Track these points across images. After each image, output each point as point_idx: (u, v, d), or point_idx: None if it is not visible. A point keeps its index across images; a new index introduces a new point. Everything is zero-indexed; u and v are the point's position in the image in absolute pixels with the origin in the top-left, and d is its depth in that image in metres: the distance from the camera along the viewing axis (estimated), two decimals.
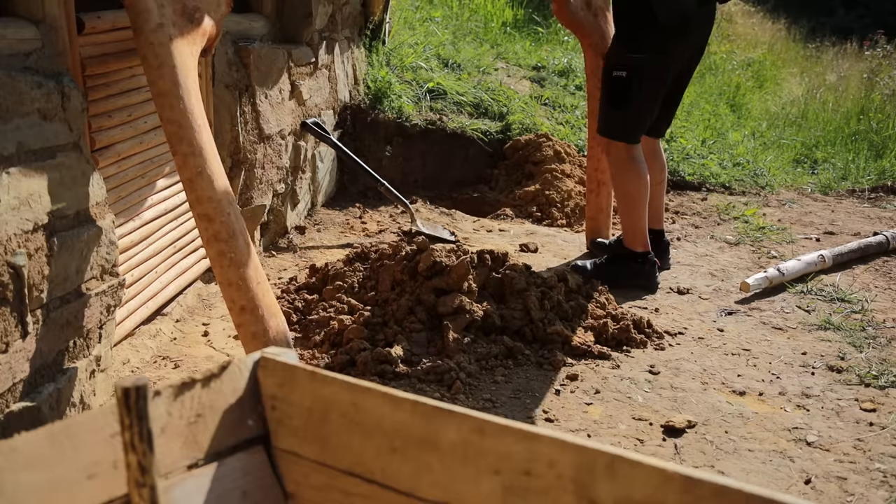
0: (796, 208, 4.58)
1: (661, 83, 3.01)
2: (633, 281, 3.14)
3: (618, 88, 2.99)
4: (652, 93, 3.01)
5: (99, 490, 0.82)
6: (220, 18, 2.20)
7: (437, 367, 2.27)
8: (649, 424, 2.14)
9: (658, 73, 2.97)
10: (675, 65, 3.01)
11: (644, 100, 3.00)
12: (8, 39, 1.60)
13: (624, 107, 3.01)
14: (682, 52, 2.99)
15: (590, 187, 3.57)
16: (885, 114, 6.71)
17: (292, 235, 3.52)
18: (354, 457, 0.92)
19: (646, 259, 3.15)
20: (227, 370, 0.95)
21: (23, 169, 1.57)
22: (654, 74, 2.97)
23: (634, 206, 3.11)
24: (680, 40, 2.94)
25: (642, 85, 2.96)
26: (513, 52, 5.92)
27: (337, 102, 4.07)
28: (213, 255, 1.91)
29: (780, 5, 12.29)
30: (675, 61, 3.00)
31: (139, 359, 2.29)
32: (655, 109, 3.09)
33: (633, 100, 2.98)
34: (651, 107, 3.06)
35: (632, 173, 3.09)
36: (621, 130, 3.06)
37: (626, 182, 3.10)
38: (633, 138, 3.08)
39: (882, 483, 1.91)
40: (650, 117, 3.11)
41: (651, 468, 0.73)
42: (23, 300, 1.60)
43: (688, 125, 5.54)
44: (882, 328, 2.87)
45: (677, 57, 2.99)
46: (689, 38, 2.98)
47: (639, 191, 3.09)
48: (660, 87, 3.02)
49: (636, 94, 2.97)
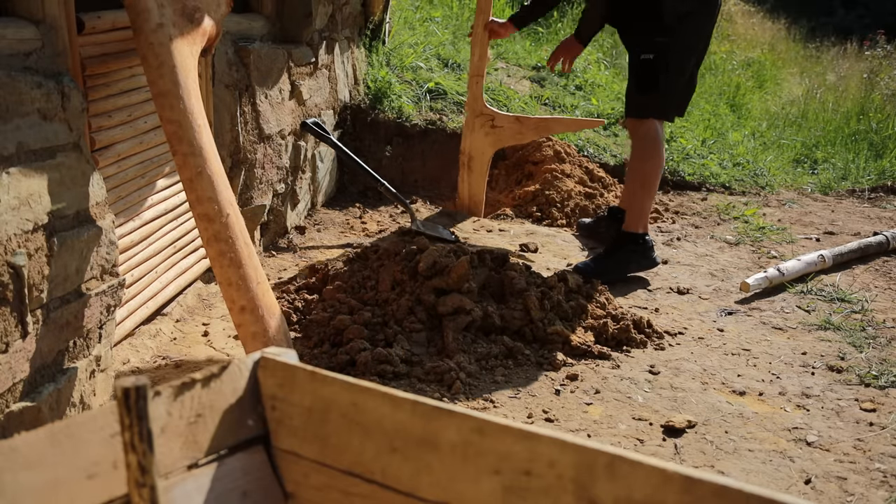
0: (796, 208, 4.58)
1: (684, 64, 3.17)
2: (639, 266, 3.23)
3: (646, 71, 3.14)
4: (678, 72, 3.16)
5: (99, 490, 0.82)
6: (220, 18, 2.20)
7: (437, 367, 2.27)
8: (649, 424, 2.14)
9: (682, 53, 3.14)
10: (698, 43, 3.19)
11: (672, 80, 3.15)
12: (8, 39, 1.60)
13: (653, 89, 3.15)
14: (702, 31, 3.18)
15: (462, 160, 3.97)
16: (885, 114, 6.71)
17: (292, 235, 3.52)
18: (354, 457, 0.92)
19: (645, 238, 3.24)
20: (227, 370, 0.95)
21: (23, 169, 1.57)
22: (677, 56, 3.12)
23: (650, 188, 3.23)
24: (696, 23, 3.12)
25: (669, 66, 3.11)
26: (513, 52, 5.92)
27: (337, 102, 4.07)
28: (213, 255, 1.90)
29: (780, 5, 12.29)
30: (698, 40, 3.18)
31: (139, 359, 2.29)
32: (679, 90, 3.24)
33: (661, 80, 3.13)
34: (677, 86, 3.21)
35: (656, 155, 3.21)
36: (654, 109, 3.21)
37: (648, 163, 3.22)
38: (666, 115, 3.25)
39: (882, 483, 1.91)
40: (677, 96, 3.26)
41: (651, 468, 0.73)
42: (23, 300, 1.60)
43: (688, 125, 5.53)
44: (882, 328, 2.87)
45: (700, 36, 3.18)
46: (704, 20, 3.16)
47: (656, 173, 3.22)
48: (686, 67, 3.18)
49: (663, 75, 3.12)
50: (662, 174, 4.66)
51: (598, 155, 4.62)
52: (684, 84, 3.26)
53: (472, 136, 3.92)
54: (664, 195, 4.56)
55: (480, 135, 3.90)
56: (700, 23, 3.15)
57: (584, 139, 4.74)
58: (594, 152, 4.63)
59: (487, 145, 3.91)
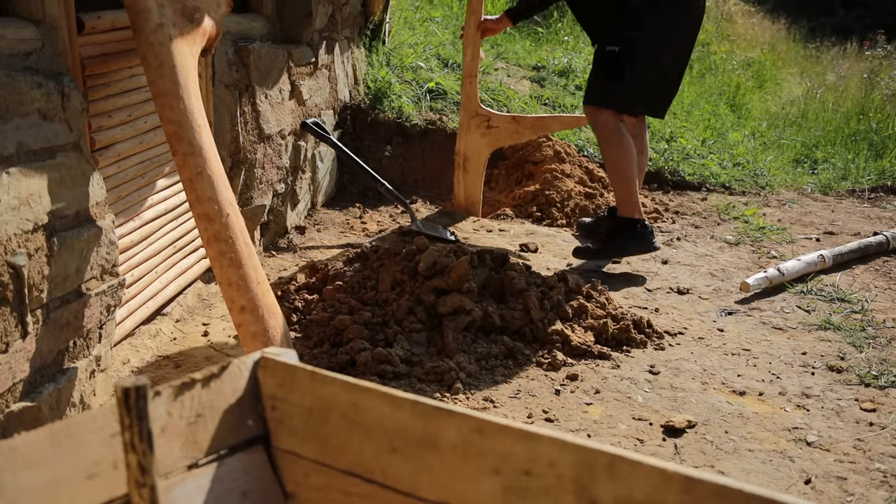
0: (796, 208, 4.58)
1: (653, 60, 3.19)
2: (638, 248, 3.27)
3: (609, 62, 3.20)
4: (644, 68, 3.18)
5: (99, 490, 0.82)
6: (220, 18, 2.20)
7: (437, 367, 2.27)
8: (649, 424, 2.14)
9: (650, 51, 3.15)
10: (670, 43, 3.20)
11: (636, 74, 3.17)
12: (8, 39, 1.60)
13: (617, 78, 3.19)
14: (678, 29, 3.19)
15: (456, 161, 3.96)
16: (885, 114, 6.71)
17: (292, 235, 3.52)
18: (354, 457, 0.92)
19: (644, 224, 3.29)
20: (227, 370, 0.95)
21: (23, 169, 1.57)
22: (646, 52, 3.14)
23: (626, 175, 3.26)
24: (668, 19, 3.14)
25: (634, 60, 3.14)
26: (513, 52, 5.92)
27: (337, 102, 4.07)
28: (213, 255, 1.91)
29: (780, 5, 12.29)
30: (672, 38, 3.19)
31: (139, 359, 2.29)
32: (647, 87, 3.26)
33: (626, 72, 3.16)
34: (643, 83, 3.22)
35: (620, 143, 3.24)
36: (611, 98, 3.23)
37: (615, 152, 3.25)
38: (623, 108, 3.26)
39: (882, 483, 1.91)
40: (642, 94, 3.27)
41: (651, 468, 0.73)
42: (23, 300, 1.60)
43: (688, 125, 5.54)
44: (882, 328, 2.87)
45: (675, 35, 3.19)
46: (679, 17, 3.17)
47: (629, 161, 3.24)
48: (653, 65, 3.20)
49: (628, 68, 3.15)
50: (662, 174, 4.71)
51: (599, 155, 4.62)
52: (656, 82, 3.26)
53: (467, 137, 3.92)
54: (664, 195, 4.56)
55: (476, 135, 3.90)
56: (673, 19, 3.16)
57: (584, 139, 4.74)
58: (594, 152, 4.63)
59: (484, 146, 3.91)
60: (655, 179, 4.71)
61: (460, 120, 3.94)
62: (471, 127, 3.90)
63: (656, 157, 4.83)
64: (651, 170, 4.71)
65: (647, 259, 3.49)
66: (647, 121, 5.16)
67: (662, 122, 5.27)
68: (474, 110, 3.87)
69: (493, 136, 3.89)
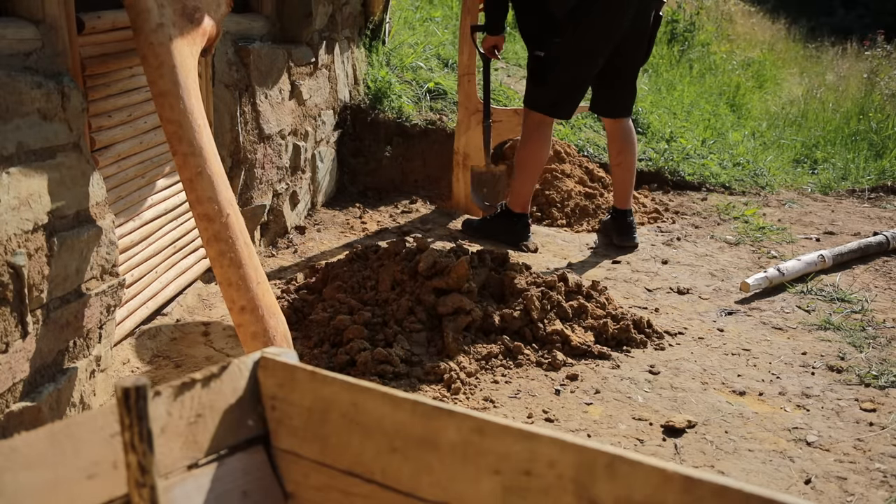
0: (796, 208, 4.58)
1: (580, 64, 3.32)
2: (506, 236, 3.52)
3: (535, 67, 3.36)
4: (571, 72, 3.32)
5: (99, 490, 0.82)
6: (220, 18, 2.20)
7: (437, 367, 2.27)
8: (649, 424, 2.14)
9: (575, 56, 3.28)
10: (597, 47, 3.28)
11: (561, 78, 3.32)
12: (8, 39, 1.60)
13: (542, 83, 3.35)
14: (598, 34, 3.26)
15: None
16: (885, 114, 6.70)
17: (292, 235, 3.52)
18: (354, 457, 0.92)
19: (520, 218, 3.53)
20: (227, 370, 0.95)
21: (23, 169, 1.57)
22: (571, 56, 3.27)
23: (528, 172, 3.48)
24: (591, 24, 3.22)
25: (559, 65, 3.28)
26: (513, 52, 5.92)
27: (337, 102, 4.07)
28: (213, 255, 1.91)
29: (780, 5, 12.30)
30: (593, 44, 3.26)
31: (139, 359, 2.29)
32: (579, 88, 3.41)
33: (550, 77, 3.31)
34: (572, 86, 3.38)
35: (536, 143, 3.42)
36: (542, 104, 3.39)
37: (528, 150, 3.44)
38: (553, 112, 3.42)
39: (882, 483, 1.91)
40: (574, 96, 3.42)
41: (651, 468, 0.73)
42: (23, 300, 1.60)
43: (688, 125, 5.54)
44: (882, 328, 2.87)
45: (595, 39, 3.27)
46: (604, 19, 3.23)
47: (536, 161, 3.46)
48: (581, 68, 3.33)
49: (551, 73, 3.30)
50: (662, 174, 4.71)
51: (598, 155, 4.62)
52: (579, 87, 3.39)
53: (467, 135, 3.92)
54: (664, 195, 4.56)
55: (477, 132, 3.90)
56: (599, 26, 3.23)
57: (584, 139, 4.74)
58: (594, 152, 4.63)
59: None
60: (655, 179, 4.71)
61: (458, 118, 3.95)
62: (471, 124, 3.90)
63: (656, 157, 4.83)
64: (651, 170, 4.71)
65: (648, 259, 3.50)
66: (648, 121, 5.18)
67: (662, 122, 5.27)
68: (474, 107, 3.87)
69: (494, 130, 3.90)
